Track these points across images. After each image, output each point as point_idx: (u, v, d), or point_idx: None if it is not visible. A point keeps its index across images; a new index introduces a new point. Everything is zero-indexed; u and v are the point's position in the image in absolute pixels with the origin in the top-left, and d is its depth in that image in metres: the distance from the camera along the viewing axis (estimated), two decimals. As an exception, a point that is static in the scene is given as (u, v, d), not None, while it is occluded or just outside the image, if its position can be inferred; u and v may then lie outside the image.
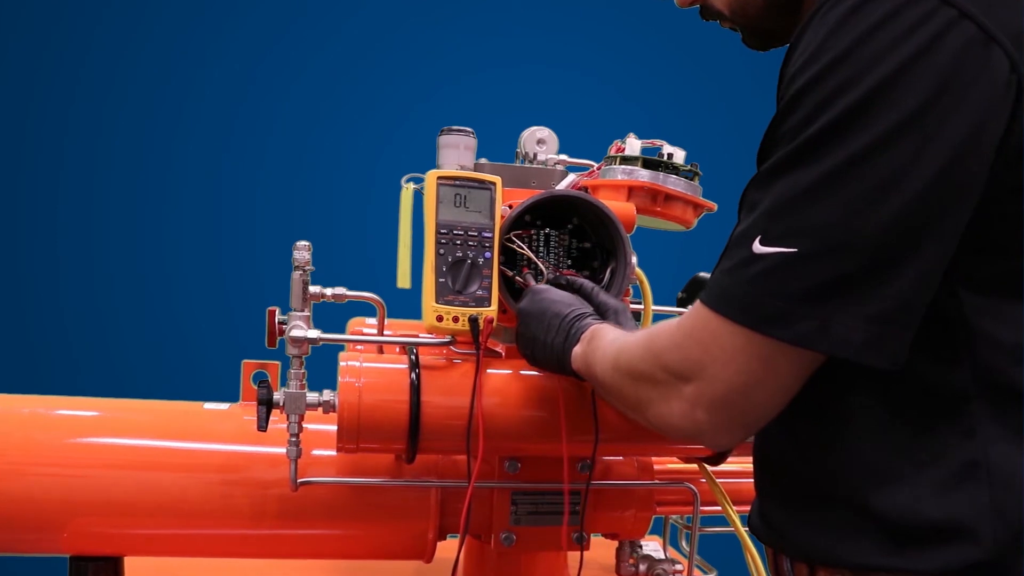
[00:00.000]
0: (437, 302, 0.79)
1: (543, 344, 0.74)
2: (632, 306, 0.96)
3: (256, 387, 0.83)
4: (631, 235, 0.87)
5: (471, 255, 0.80)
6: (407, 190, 0.86)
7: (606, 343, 0.67)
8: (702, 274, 0.99)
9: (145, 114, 1.59)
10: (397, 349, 0.97)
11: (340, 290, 0.83)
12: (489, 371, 0.81)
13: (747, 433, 0.57)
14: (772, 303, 0.52)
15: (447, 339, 0.82)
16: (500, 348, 0.87)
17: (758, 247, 0.52)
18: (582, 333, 0.72)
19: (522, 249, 0.84)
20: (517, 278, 0.85)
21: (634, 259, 0.87)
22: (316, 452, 0.86)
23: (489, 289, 0.81)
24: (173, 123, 1.64)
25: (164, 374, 1.73)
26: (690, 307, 0.57)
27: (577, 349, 0.71)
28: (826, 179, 0.50)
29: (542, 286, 0.80)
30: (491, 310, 0.80)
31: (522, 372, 0.81)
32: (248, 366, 0.93)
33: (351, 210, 2.06)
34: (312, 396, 0.79)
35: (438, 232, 0.80)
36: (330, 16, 1.71)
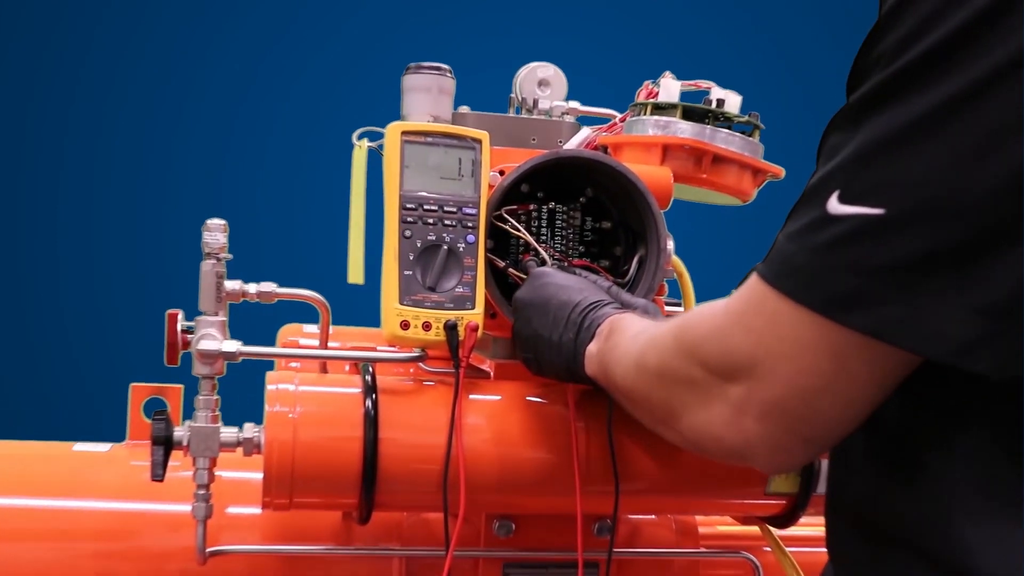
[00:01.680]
0: (402, 303, 0.80)
1: (548, 343, 0.76)
2: (669, 308, 0.96)
3: (150, 420, 0.83)
4: (666, 212, 0.89)
5: (448, 239, 0.81)
6: (360, 150, 0.87)
7: (628, 338, 0.68)
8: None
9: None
10: (347, 367, 0.98)
11: (268, 286, 0.84)
12: (472, 397, 0.82)
13: (810, 451, 0.56)
14: (848, 280, 0.50)
15: (415, 353, 0.84)
16: (488, 366, 0.89)
17: (835, 206, 0.50)
18: (598, 326, 0.73)
19: (517, 231, 0.85)
20: (511, 270, 0.86)
21: (670, 244, 0.89)
22: (233, 510, 0.86)
23: (473, 285, 0.82)
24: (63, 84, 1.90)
25: (18, 402, 1.76)
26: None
27: (592, 347, 0.73)
28: (930, 118, 0.48)
29: (545, 268, 0.82)
30: (475, 313, 0.81)
31: (527, 398, 0.83)
32: (138, 392, 0.92)
33: (282, 180, 2.20)
34: (228, 432, 0.80)
35: (403, 208, 0.81)
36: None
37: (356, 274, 0.86)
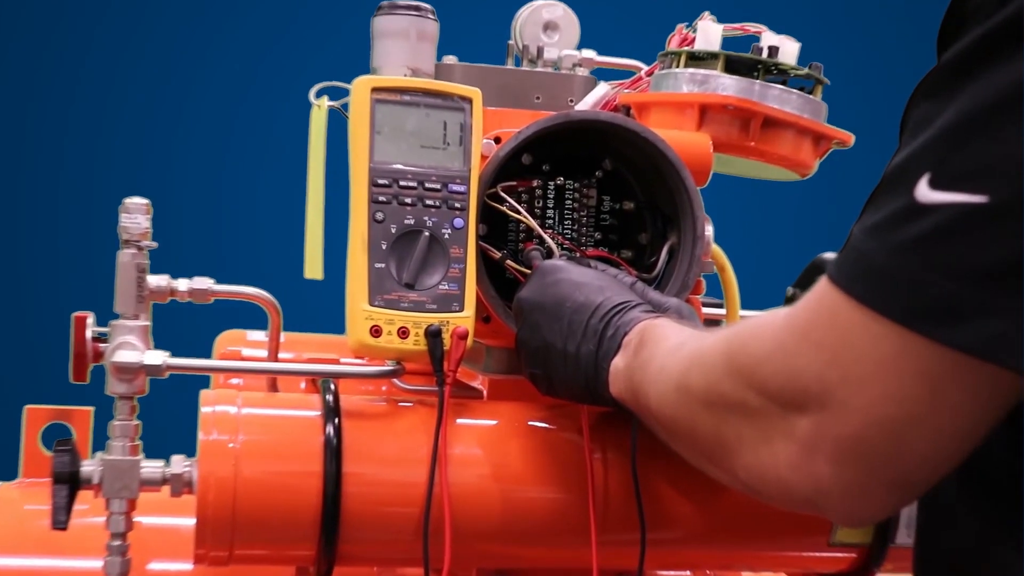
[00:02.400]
0: (372, 304, 0.80)
1: (562, 356, 0.77)
2: (707, 311, 0.96)
3: (50, 453, 0.83)
4: (704, 189, 0.89)
5: (430, 224, 0.81)
6: (318, 111, 0.87)
7: (665, 352, 0.69)
8: (828, 255, 0.98)
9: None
10: (302, 384, 0.97)
11: (203, 282, 0.84)
12: (461, 422, 0.83)
13: (896, 498, 0.56)
14: (943, 286, 0.50)
15: (389, 367, 0.84)
16: (481, 382, 0.90)
17: (925, 192, 0.51)
18: (624, 334, 0.74)
19: (517, 214, 0.86)
20: (509, 263, 0.87)
21: (709, 230, 0.89)
22: (157, 566, 0.88)
23: (461, 282, 0.82)
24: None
25: None
26: (806, 293, 0.58)
27: (618, 362, 0.74)
28: None
29: (556, 262, 0.83)
30: (464, 317, 0.82)
31: (529, 423, 0.83)
32: (35, 416, 0.93)
33: (217, 149, 2.24)
34: (151, 467, 0.80)
35: (373, 184, 0.81)
36: None
37: (314, 268, 0.86)
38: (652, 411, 0.69)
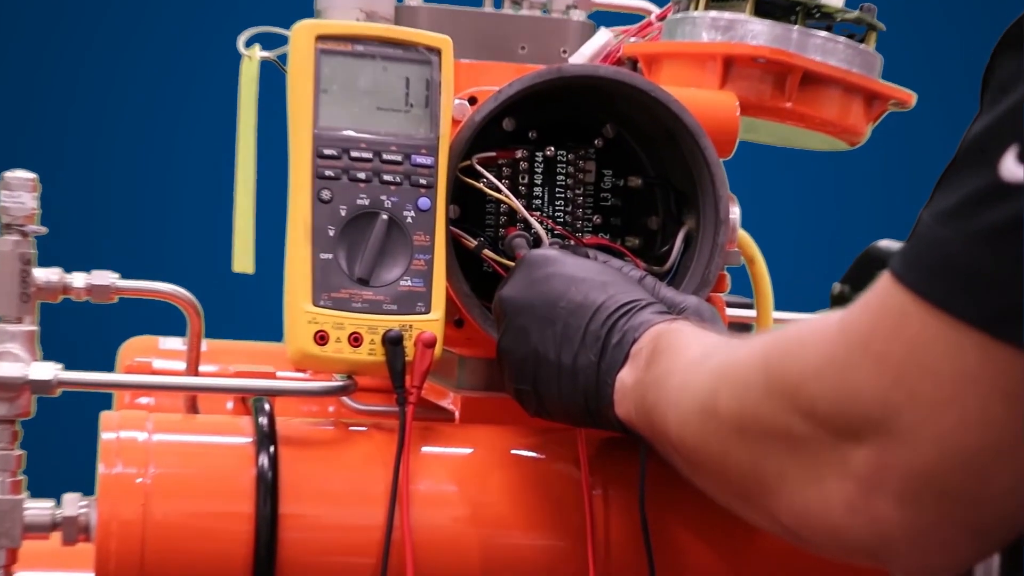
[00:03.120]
0: (317, 303, 0.80)
1: (556, 368, 0.77)
2: (732, 312, 0.96)
3: None
4: (729, 161, 0.90)
5: (389, 204, 0.82)
6: (249, 64, 0.88)
7: (686, 364, 0.70)
8: (885, 243, 0.99)
9: None
10: (229, 404, 0.97)
11: (104, 277, 0.84)
12: (428, 450, 0.83)
13: (978, 548, 0.56)
14: None
15: (337, 382, 0.84)
16: (451, 401, 0.89)
17: (1011, 169, 0.52)
18: (633, 341, 0.75)
19: (498, 194, 0.86)
20: (487, 253, 0.87)
21: (735, 212, 0.90)
22: None
23: (428, 276, 0.82)
24: None
25: None
26: (862, 294, 0.58)
27: (626, 375, 0.75)
28: None
29: (547, 251, 0.83)
30: (432, 320, 0.82)
31: (512, 451, 0.83)
32: None
33: (124, 110, 2.21)
34: (38, 508, 0.79)
35: (318, 155, 0.81)
36: None
37: (244, 259, 0.87)
38: (670, 438, 0.69)
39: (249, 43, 0.87)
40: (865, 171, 1.13)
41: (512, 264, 0.84)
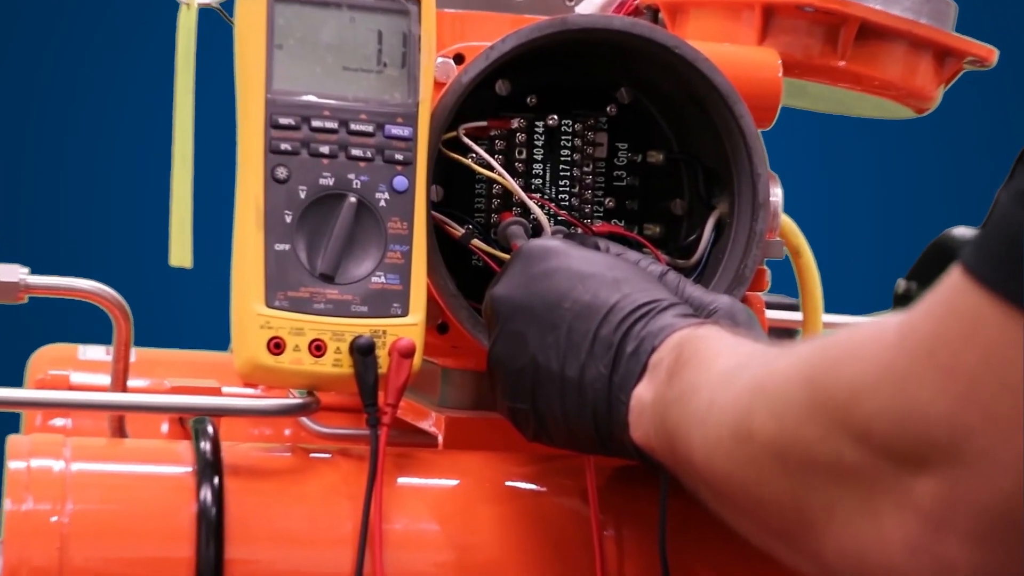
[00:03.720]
0: (271, 304, 0.80)
1: (559, 383, 0.78)
2: (773, 314, 0.96)
3: None
4: (769, 133, 0.90)
5: (358, 184, 0.82)
6: (188, 13, 0.88)
7: (716, 377, 0.70)
8: (959, 231, 0.99)
9: None
10: (164, 426, 0.97)
11: (11, 272, 0.84)
12: (404, 482, 0.83)
13: None
14: None
15: (296, 400, 0.84)
16: (432, 423, 0.90)
17: None
18: (652, 350, 0.75)
19: (490, 172, 0.87)
20: (477, 244, 0.87)
21: (777, 194, 0.90)
22: None
23: (405, 271, 0.82)
24: None
25: None
26: (928, 290, 0.58)
27: (644, 391, 0.75)
28: None
29: (548, 242, 0.83)
30: (409, 324, 0.82)
31: (507, 484, 0.83)
32: None
33: (39, 73, 2.24)
34: None
35: (272, 124, 0.81)
36: None
37: (181, 252, 0.86)
38: (696, 466, 0.69)
39: (188, -10, 0.87)
40: (935, 144, 1.13)
41: (507, 257, 0.84)
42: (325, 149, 0.81)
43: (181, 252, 0.86)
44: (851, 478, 0.58)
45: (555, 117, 0.89)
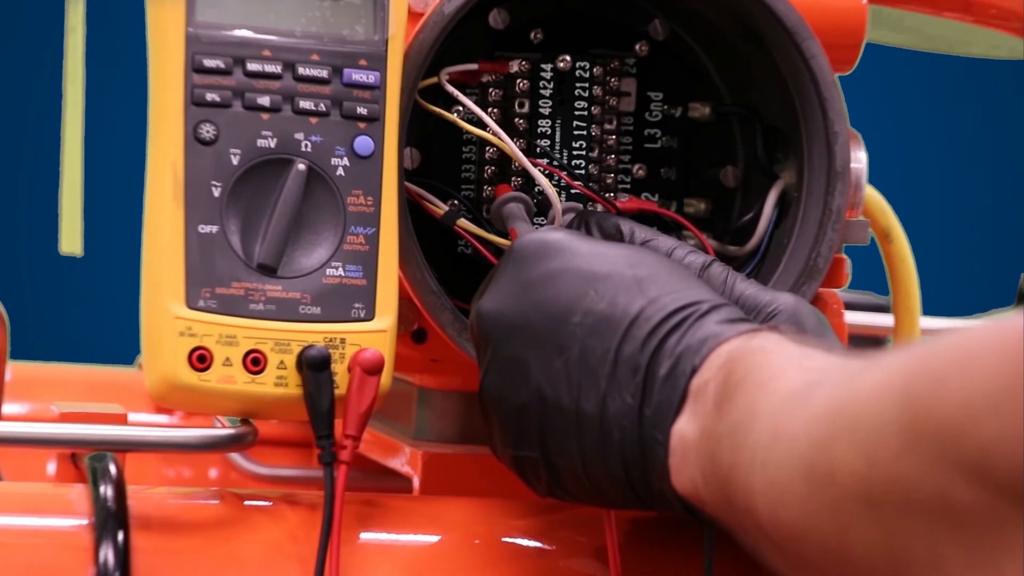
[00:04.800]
0: (193, 304, 0.81)
1: (572, 419, 0.78)
2: (855, 317, 0.96)
3: None
4: (846, 79, 0.90)
5: (307, 147, 0.83)
6: None
7: (779, 399, 0.70)
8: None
9: None
10: (51, 464, 0.97)
11: None
12: (368, 539, 0.84)
13: None
14: None
15: (225, 430, 0.84)
16: (406, 460, 0.91)
17: None
18: (694, 371, 0.76)
19: (483, 131, 0.88)
20: (464, 225, 0.88)
21: (860, 160, 0.91)
22: None
23: (370, 262, 0.83)
24: None
25: None
26: None
27: (686, 426, 0.75)
28: None
29: (550, 235, 0.83)
30: (376, 330, 0.83)
31: (504, 540, 0.84)
32: None
33: None
34: None
35: (194, 67, 0.82)
36: None
37: (72, 237, 0.87)
38: (758, 517, 0.69)
39: None
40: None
41: (503, 243, 0.85)
42: (265, 100, 0.81)
43: (72, 236, 0.87)
44: (964, 525, 0.59)
45: (567, 58, 0.89)
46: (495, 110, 0.88)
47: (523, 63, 0.88)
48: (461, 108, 0.86)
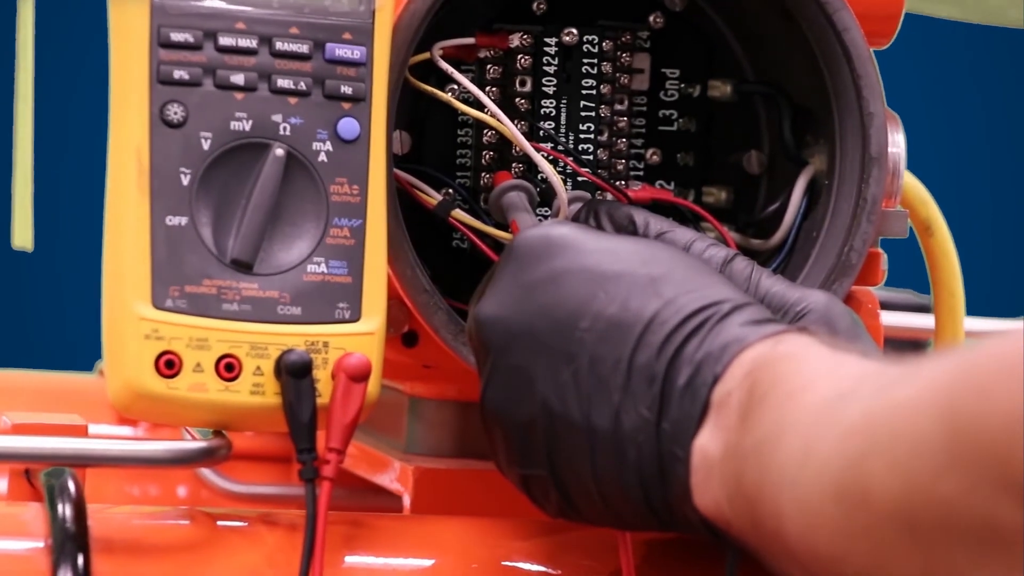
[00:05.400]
0: (160, 304, 0.82)
1: (583, 435, 0.79)
2: (892, 319, 0.96)
3: None
4: (885, 53, 0.91)
5: (286, 130, 0.83)
6: None
7: (810, 411, 0.71)
8: None
9: None
10: (3, 482, 0.97)
11: None
12: (352, 561, 0.84)
13: None
14: None
15: (196, 443, 0.85)
16: (396, 476, 0.91)
17: None
18: (716, 380, 0.76)
19: (480, 113, 0.88)
20: (459, 216, 0.89)
21: (899, 143, 0.92)
22: None
23: (356, 257, 0.84)
24: None
25: None
26: None
27: (708, 440, 0.76)
28: None
29: (554, 229, 0.83)
30: (363, 333, 0.83)
31: (503, 564, 0.85)
32: None
33: None
34: None
35: (160, 42, 0.82)
36: None
37: (24, 229, 0.89)
38: (788, 541, 0.70)
39: None
40: None
41: (504, 236, 0.85)
42: (238, 78, 0.81)
43: (25, 230, 0.87)
44: (1011, 551, 0.59)
45: (573, 31, 0.89)
46: (494, 89, 0.88)
47: (525, 37, 0.89)
48: (456, 87, 0.87)
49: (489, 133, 0.88)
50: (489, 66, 0.88)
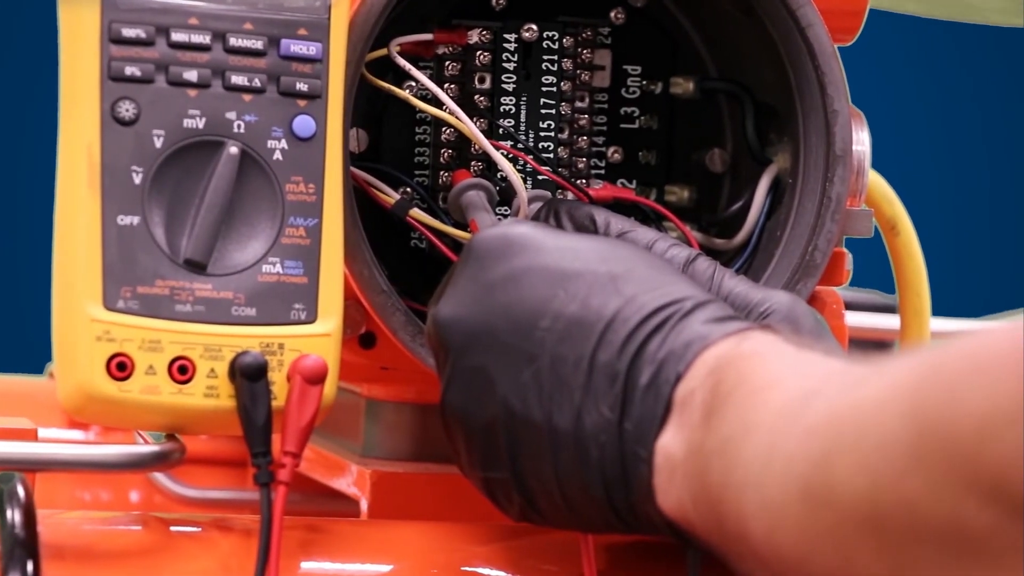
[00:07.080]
0: (111, 305, 0.81)
1: (544, 436, 0.79)
2: (856, 319, 0.96)
3: None
4: (848, 49, 0.92)
5: (240, 128, 0.83)
6: None
7: (774, 410, 0.71)
8: None
9: None
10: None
11: None
12: (308, 568, 0.84)
13: None
14: None
15: (148, 447, 0.84)
16: (353, 480, 0.92)
17: None
18: (679, 378, 0.76)
19: (438, 110, 0.88)
20: (418, 215, 0.89)
21: (863, 142, 0.92)
22: None
23: (311, 257, 0.84)
24: None
25: None
26: None
27: (671, 440, 0.76)
28: None
29: (513, 229, 0.84)
30: (319, 334, 0.83)
31: (464, 569, 0.85)
32: None
33: None
34: None
35: (112, 37, 0.82)
36: None
37: None
38: (752, 542, 0.70)
39: None
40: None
41: (462, 236, 0.85)
42: (191, 75, 0.81)
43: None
44: (978, 551, 0.59)
45: (533, 27, 0.89)
46: (452, 86, 0.88)
47: (484, 33, 0.89)
48: (414, 84, 0.86)
49: (447, 131, 0.88)
50: (447, 62, 0.88)
